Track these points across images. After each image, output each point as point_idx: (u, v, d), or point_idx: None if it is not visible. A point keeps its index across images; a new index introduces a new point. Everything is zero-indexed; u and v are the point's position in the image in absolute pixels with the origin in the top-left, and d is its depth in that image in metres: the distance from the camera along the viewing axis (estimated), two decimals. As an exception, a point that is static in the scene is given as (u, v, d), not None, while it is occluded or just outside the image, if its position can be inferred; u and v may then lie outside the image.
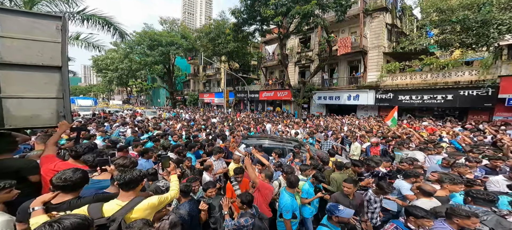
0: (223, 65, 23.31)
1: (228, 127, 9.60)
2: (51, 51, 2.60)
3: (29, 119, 2.53)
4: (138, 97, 41.66)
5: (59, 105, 2.68)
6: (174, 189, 1.94)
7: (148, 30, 24.96)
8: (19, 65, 2.45)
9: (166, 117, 15.09)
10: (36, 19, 2.57)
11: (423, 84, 11.75)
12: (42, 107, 2.59)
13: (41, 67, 2.57)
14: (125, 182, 1.55)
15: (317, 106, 17.11)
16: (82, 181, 1.61)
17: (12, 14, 2.49)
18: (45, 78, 2.60)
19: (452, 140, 5.86)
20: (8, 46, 2.42)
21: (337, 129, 9.04)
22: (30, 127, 2.82)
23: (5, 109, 2.40)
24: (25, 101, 2.51)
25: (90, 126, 8.16)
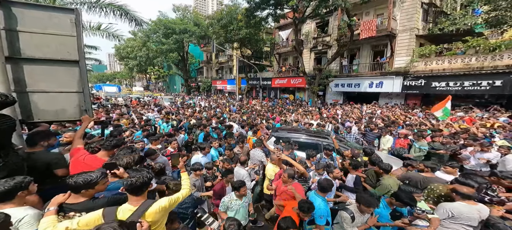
0: (235, 52, 22.52)
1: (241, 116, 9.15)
2: (68, 45, 2.59)
3: (55, 113, 2.63)
4: (156, 84, 43.13)
5: (81, 100, 2.71)
6: (185, 187, 1.86)
7: (163, 18, 24.75)
8: (40, 60, 2.53)
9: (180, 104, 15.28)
10: (51, 12, 2.55)
11: (465, 69, 9.89)
12: (66, 102, 2.66)
13: (61, 61, 2.60)
14: (131, 188, 1.47)
15: (333, 94, 15.81)
16: (92, 182, 1.55)
17: (28, 8, 2.48)
18: (65, 72, 2.63)
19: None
20: (28, 41, 2.49)
21: (359, 119, 8.08)
22: (57, 121, 2.95)
23: (32, 103, 2.53)
24: (50, 96, 2.60)
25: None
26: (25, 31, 2.49)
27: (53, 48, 2.56)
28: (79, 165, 2.12)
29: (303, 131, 5.45)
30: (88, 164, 2.13)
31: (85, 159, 2.19)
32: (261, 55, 24.40)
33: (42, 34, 2.53)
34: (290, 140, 4.35)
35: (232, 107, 12.14)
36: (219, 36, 19.69)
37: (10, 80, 2.42)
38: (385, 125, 6.34)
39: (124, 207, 1.48)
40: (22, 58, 2.55)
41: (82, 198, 1.52)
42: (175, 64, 29.98)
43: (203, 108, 11.45)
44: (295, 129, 5.73)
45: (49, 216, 1.36)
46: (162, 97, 19.15)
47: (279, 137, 4.77)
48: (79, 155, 2.21)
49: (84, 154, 2.23)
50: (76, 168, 2.07)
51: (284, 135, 4.84)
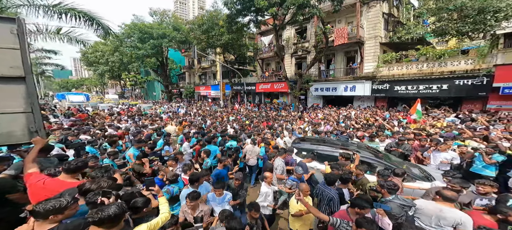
0: (218, 57, 22.08)
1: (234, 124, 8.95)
2: (9, 59, 2.23)
3: (5, 136, 2.27)
4: (133, 90, 39.66)
5: (29, 120, 2.36)
6: (164, 211, 1.83)
7: (138, 22, 22.92)
8: None
9: (161, 112, 14.30)
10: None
11: (419, 74, 11.42)
12: (12, 124, 2.31)
13: (2, 78, 2.23)
14: (101, 220, 1.32)
15: (314, 97, 16.66)
16: (64, 209, 1.46)
17: None
18: (9, 91, 2.28)
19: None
20: None
21: (335, 122, 8.67)
22: (3, 145, 2.59)
23: None
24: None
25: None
26: None
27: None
28: (38, 190, 1.96)
29: (330, 142, 4.97)
30: (49, 189, 1.96)
31: (45, 183, 2.01)
32: (245, 60, 24.38)
33: None
34: (314, 152, 4.07)
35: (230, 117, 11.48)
36: (200, 42, 19.12)
37: None
38: (363, 129, 6.88)
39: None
40: None
41: (49, 224, 1.40)
42: (154, 70, 28.01)
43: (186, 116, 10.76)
44: (319, 140, 5.35)
45: None
46: (140, 106, 17.66)
47: (302, 149, 4.44)
48: (36, 179, 2.01)
49: (42, 178, 2.04)
50: (36, 193, 1.94)
51: (307, 147, 4.45)
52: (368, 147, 4.76)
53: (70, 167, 2.18)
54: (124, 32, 22.14)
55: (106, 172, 2.47)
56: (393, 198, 2.55)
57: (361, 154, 3.89)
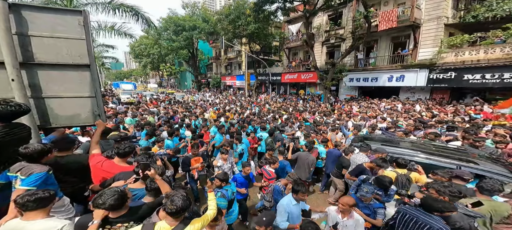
0: (243, 47, 20.94)
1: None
2: (78, 49, 2.40)
3: (70, 118, 2.50)
4: (169, 80, 42.26)
5: (93, 104, 2.56)
6: (212, 208, 1.74)
7: (172, 15, 23.22)
8: (53, 64, 2.34)
9: (194, 99, 14.75)
10: (59, 15, 2.31)
11: (506, 59, 8.13)
12: (80, 107, 2.52)
13: (72, 66, 2.41)
14: (174, 211, 1.40)
15: (347, 89, 14.51)
16: (120, 203, 1.51)
17: (37, 11, 2.27)
18: (77, 77, 2.46)
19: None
20: (40, 46, 2.28)
21: (375, 116, 6.79)
22: (72, 126, 2.84)
23: (49, 109, 2.41)
24: (64, 101, 2.45)
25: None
26: (36, 35, 2.26)
27: (64, 52, 2.37)
28: (98, 170, 2.15)
29: (418, 144, 3.54)
30: (106, 170, 2.16)
31: (103, 165, 2.17)
32: (270, 50, 22.76)
33: (53, 38, 2.31)
34: (388, 155, 3.11)
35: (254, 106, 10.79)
36: (227, 32, 18.31)
37: (26, 86, 2.22)
38: (415, 126, 5.04)
39: (162, 225, 1.43)
40: (36, 63, 2.31)
41: (121, 211, 1.54)
42: (186, 61, 28.87)
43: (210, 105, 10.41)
44: (394, 141, 3.84)
45: (93, 229, 1.41)
46: (174, 94, 18.17)
47: (376, 149, 3.43)
48: (96, 161, 2.19)
49: (101, 160, 2.20)
50: (96, 174, 2.16)
51: (376, 148, 3.40)
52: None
53: (120, 151, 2.26)
54: (161, 25, 22.77)
55: (150, 157, 2.48)
56: None
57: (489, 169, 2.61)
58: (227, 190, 2.46)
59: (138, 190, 1.95)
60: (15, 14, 2.17)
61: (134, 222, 1.53)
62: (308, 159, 3.55)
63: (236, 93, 21.84)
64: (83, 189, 2.26)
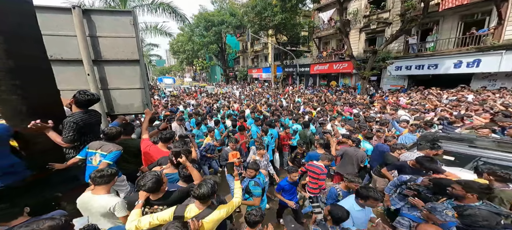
0: (270, 39, 20.20)
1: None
2: (130, 46, 2.66)
3: (127, 106, 2.89)
4: (201, 74, 45.27)
5: (143, 95, 2.86)
6: (237, 196, 1.75)
7: (203, 11, 24.21)
8: (114, 61, 2.68)
9: (223, 92, 15.20)
10: (116, 16, 2.58)
11: None
12: (133, 97, 2.85)
13: (127, 61, 2.71)
14: (199, 196, 1.47)
15: (393, 78, 12.35)
16: (157, 186, 1.60)
17: (101, 14, 2.56)
18: (131, 71, 2.75)
19: None
20: (104, 45, 2.61)
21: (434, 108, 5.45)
22: (127, 113, 3.11)
23: (112, 99, 2.80)
24: (122, 92, 2.81)
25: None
26: (102, 36, 2.59)
27: (121, 49, 2.65)
28: (146, 154, 2.37)
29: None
30: (152, 154, 2.34)
31: (150, 149, 2.34)
32: (298, 40, 21.30)
33: (113, 37, 2.61)
34: (477, 159, 2.35)
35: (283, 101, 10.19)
36: (253, 24, 17.98)
37: (97, 79, 2.64)
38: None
39: (192, 207, 1.51)
40: (103, 60, 2.67)
41: (159, 194, 1.64)
42: (215, 55, 30.02)
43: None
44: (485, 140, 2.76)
45: (137, 209, 1.52)
46: (206, 87, 19.32)
47: (446, 152, 2.67)
48: (145, 145, 2.37)
49: (149, 145, 2.37)
50: (144, 158, 2.39)
51: (458, 149, 2.59)
52: None
53: (162, 137, 2.45)
54: (194, 22, 24.09)
55: (185, 144, 2.58)
56: None
57: None
58: (260, 179, 2.45)
59: (174, 174, 2.05)
60: (87, 18, 2.54)
61: (167, 205, 1.61)
62: (357, 154, 3.09)
63: (262, 86, 21.67)
64: (136, 170, 2.56)
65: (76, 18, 2.40)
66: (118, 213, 1.58)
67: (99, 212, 1.58)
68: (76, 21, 2.40)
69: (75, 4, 2.47)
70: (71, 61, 2.55)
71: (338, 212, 1.64)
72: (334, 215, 1.64)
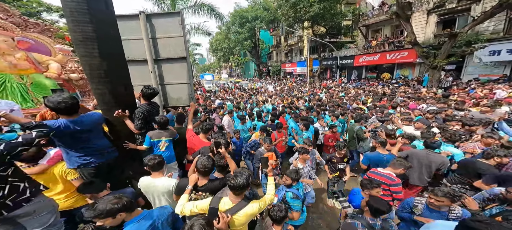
0: (305, 32, 18.68)
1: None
2: (179, 44, 2.92)
3: (177, 99, 3.21)
4: (236, 70, 47.38)
5: (189, 89, 3.12)
6: (270, 192, 1.69)
7: (237, 9, 24.78)
8: (167, 59, 3.01)
9: (256, 87, 15.50)
10: (167, 18, 2.85)
11: None
12: (181, 91, 3.14)
13: (176, 59, 3.00)
14: (235, 186, 1.45)
15: (485, 66, 9.17)
16: (212, 168, 1.76)
17: (157, 18, 2.87)
18: (180, 67, 3.03)
19: None
20: (161, 45, 2.95)
21: None
22: (177, 106, 3.42)
23: (167, 93, 3.17)
24: (173, 87, 3.13)
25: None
26: (159, 37, 2.90)
27: (172, 48, 2.93)
28: (189, 143, 2.56)
29: None
30: (194, 143, 2.51)
31: (193, 139, 2.52)
32: (339, 31, 18.77)
33: (166, 38, 2.89)
34: None
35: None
36: (288, 18, 16.87)
37: (157, 76, 3.05)
38: None
39: (226, 200, 1.50)
40: (160, 59, 3.02)
41: (205, 180, 1.74)
42: (249, 51, 30.52)
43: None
44: None
45: (185, 194, 1.60)
46: (240, 83, 19.97)
47: None
48: (189, 135, 2.56)
49: (192, 135, 2.56)
50: (189, 146, 2.58)
51: None
52: None
53: (203, 128, 2.59)
54: (230, 20, 25.07)
55: (223, 135, 2.74)
56: None
57: None
58: (298, 189, 2.09)
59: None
60: (149, 23, 2.87)
61: (210, 193, 1.67)
62: (430, 158, 2.46)
63: (296, 80, 20.60)
64: (183, 156, 2.81)
65: (142, 22, 2.77)
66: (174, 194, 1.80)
67: (162, 192, 1.81)
68: (142, 25, 2.78)
69: (139, 11, 2.82)
70: (138, 61, 2.99)
71: (377, 204, 1.54)
72: (372, 207, 1.54)
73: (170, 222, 1.46)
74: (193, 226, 1.15)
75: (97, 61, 1.84)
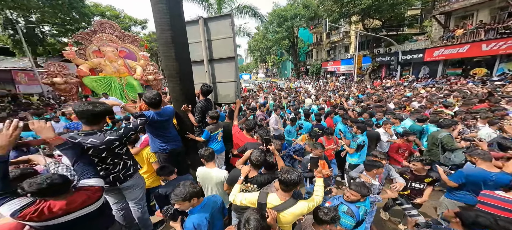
0: (353, 26, 16.32)
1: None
2: (229, 45, 3.06)
3: (225, 97, 3.36)
4: (272, 70, 47.44)
5: (236, 87, 3.24)
6: (318, 194, 1.58)
7: (276, 8, 24.50)
8: (219, 59, 3.19)
9: (293, 86, 14.88)
10: (219, 21, 3.03)
11: None
12: (229, 89, 3.28)
13: (226, 59, 3.15)
14: (287, 181, 1.40)
15: None
16: (263, 162, 1.76)
17: (212, 21, 3.09)
18: (228, 67, 3.18)
19: None
20: (214, 46, 3.17)
21: None
22: (225, 103, 3.61)
23: (218, 90, 3.38)
24: (223, 85, 3.31)
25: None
26: (213, 39, 3.12)
27: (223, 48, 3.09)
28: (235, 138, 2.63)
29: None
30: (239, 138, 2.57)
31: (238, 135, 2.59)
32: (401, 22, 15.36)
33: (218, 39, 3.08)
34: None
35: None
36: (331, 13, 15.09)
37: (210, 75, 3.30)
38: None
39: (273, 196, 1.47)
40: (213, 59, 3.24)
41: (255, 173, 1.76)
42: (286, 50, 29.77)
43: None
44: None
45: (238, 184, 1.65)
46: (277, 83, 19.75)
47: None
48: (235, 130, 2.64)
49: (237, 131, 2.64)
50: (235, 141, 2.67)
51: None
52: None
53: (247, 125, 2.64)
54: (268, 20, 25.15)
55: (267, 132, 2.69)
56: None
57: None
58: (359, 208, 1.74)
59: None
60: (206, 26, 3.12)
61: (258, 186, 1.68)
62: None
63: (338, 79, 18.40)
64: (228, 150, 2.94)
65: (201, 26, 3.05)
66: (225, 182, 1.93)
67: (215, 181, 1.96)
68: (200, 29, 3.06)
69: (199, 16, 3.13)
70: (197, 62, 3.28)
71: (474, 216, 1.27)
72: (467, 219, 1.28)
73: (220, 210, 1.61)
74: (249, 220, 1.17)
75: (173, 63, 2.15)
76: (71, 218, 1.07)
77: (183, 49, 2.29)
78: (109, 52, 5.00)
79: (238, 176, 1.73)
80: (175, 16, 2.05)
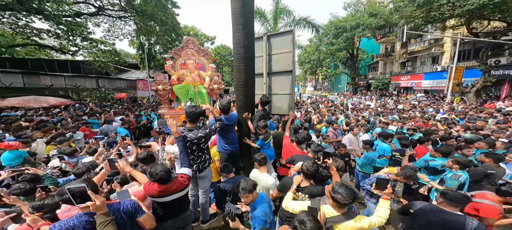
0: (450, 32, 12.29)
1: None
2: (288, 59, 3.16)
3: (278, 108, 3.49)
4: (323, 83, 44.08)
5: (290, 100, 3.30)
6: (381, 216, 1.48)
7: (333, 19, 22.94)
8: (277, 72, 3.34)
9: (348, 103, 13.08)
10: (282, 36, 3.19)
11: None
12: (283, 101, 3.39)
13: (284, 72, 3.25)
14: (340, 197, 1.38)
15: None
16: (316, 173, 1.75)
17: (274, 37, 3.29)
18: (285, 80, 3.28)
19: None
20: (273, 60, 3.35)
21: None
22: (278, 114, 3.80)
23: (273, 102, 3.50)
24: (278, 97, 3.44)
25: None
26: (274, 53, 3.29)
27: (282, 62, 3.20)
28: (286, 149, 2.64)
29: None
30: (289, 150, 2.59)
31: (288, 146, 2.62)
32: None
33: (278, 54, 3.22)
34: None
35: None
36: (412, 19, 12.08)
37: (268, 87, 3.49)
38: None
39: (328, 208, 1.47)
40: (272, 72, 3.41)
41: (307, 183, 1.77)
42: (343, 62, 26.82)
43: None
44: None
45: (291, 192, 1.72)
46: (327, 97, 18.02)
47: None
48: (286, 141, 2.67)
49: (288, 141, 2.66)
50: (284, 151, 2.66)
51: None
52: None
53: (298, 138, 2.65)
54: (323, 32, 23.97)
55: (321, 147, 2.60)
56: None
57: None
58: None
59: None
60: (268, 42, 3.35)
61: (309, 196, 1.71)
62: None
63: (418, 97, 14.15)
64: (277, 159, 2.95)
65: (264, 42, 3.32)
66: (271, 190, 2.04)
67: (263, 186, 2.07)
68: (264, 45, 3.33)
69: (263, 33, 3.45)
70: (257, 75, 3.51)
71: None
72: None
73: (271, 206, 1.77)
74: (304, 221, 1.18)
75: (242, 76, 2.48)
76: (171, 199, 1.51)
77: (251, 64, 2.59)
78: (190, 64, 6.39)
79: (289, 183, 1.79)
80: (249, 35, 2.38)
